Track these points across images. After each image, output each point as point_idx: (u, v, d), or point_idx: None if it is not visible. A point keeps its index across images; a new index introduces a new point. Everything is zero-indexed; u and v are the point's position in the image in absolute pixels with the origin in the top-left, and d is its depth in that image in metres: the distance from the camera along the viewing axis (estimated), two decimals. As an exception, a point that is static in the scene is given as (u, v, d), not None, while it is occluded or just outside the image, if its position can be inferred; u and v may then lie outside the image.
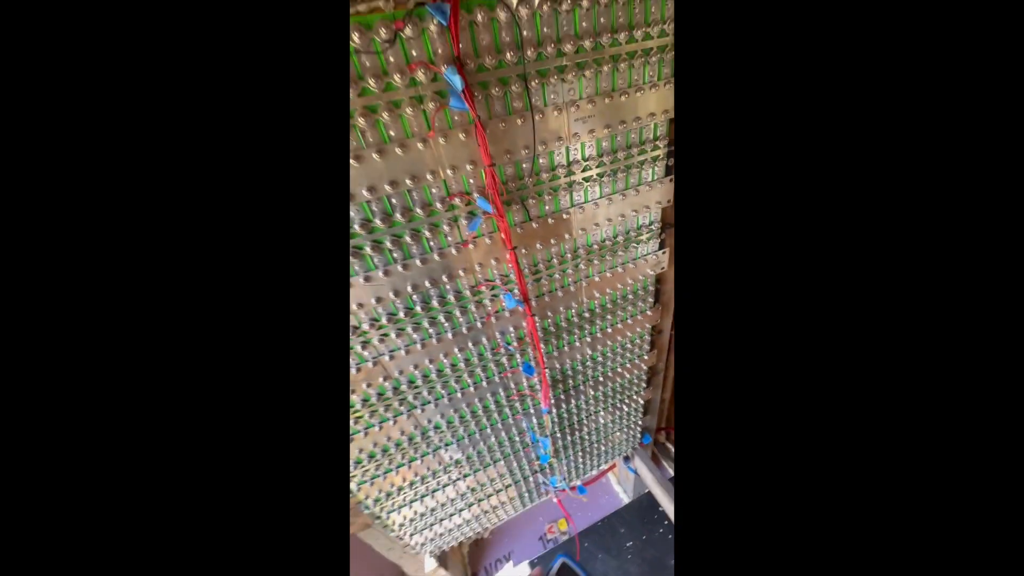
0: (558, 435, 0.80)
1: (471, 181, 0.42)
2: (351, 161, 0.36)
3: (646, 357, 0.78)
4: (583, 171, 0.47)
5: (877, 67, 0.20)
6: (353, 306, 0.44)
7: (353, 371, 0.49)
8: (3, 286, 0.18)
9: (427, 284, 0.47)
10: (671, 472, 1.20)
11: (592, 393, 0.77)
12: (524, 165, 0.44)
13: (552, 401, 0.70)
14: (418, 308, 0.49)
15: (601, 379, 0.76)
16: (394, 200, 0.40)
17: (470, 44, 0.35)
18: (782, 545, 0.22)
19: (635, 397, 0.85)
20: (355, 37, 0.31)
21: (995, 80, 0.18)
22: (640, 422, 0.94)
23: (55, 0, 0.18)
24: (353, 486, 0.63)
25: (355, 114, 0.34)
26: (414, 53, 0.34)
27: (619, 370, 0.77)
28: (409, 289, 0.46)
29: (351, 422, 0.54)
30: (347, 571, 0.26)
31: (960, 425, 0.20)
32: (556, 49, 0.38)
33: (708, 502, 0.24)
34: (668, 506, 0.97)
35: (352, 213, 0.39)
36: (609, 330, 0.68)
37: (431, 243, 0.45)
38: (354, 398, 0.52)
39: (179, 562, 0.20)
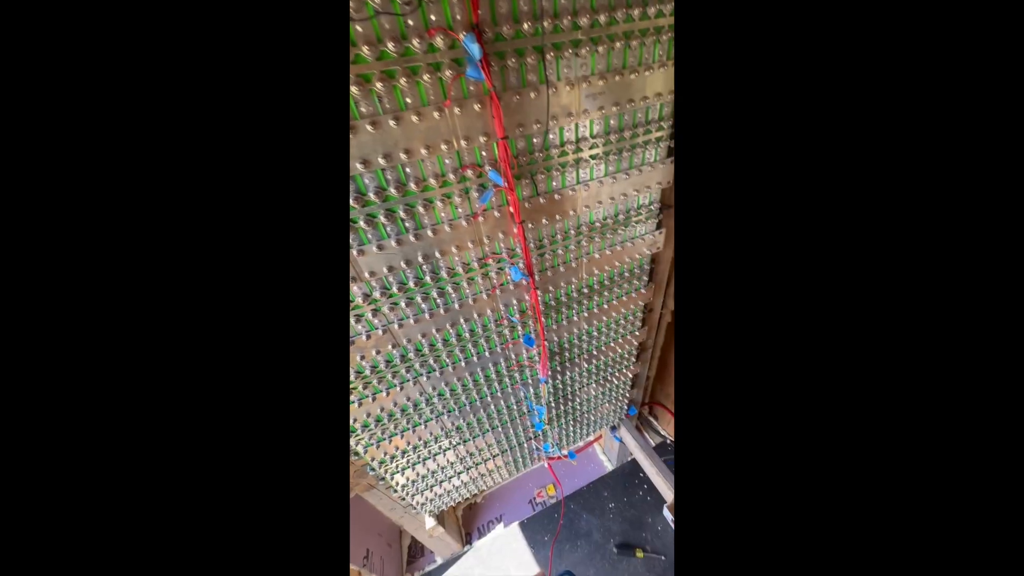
0: (552, 404, 0.85)
1: (483, 153, 0.43)
2: (367, 127, 0.36)
3: (637, 334, 0.83)
4: (590, 148, 0.49)
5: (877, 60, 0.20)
6: (365, 274, 0.45)
7: (363, 337, 0.51)
8: (3, 286, 0.18)
9: (437, 255, 0.48)
10: (653, 442, 1.29)
11: (586, 366, 0.81)
12: (535, 140, 0.45)
13: (549, 372, 0.74)
14: (427, 278, 0.50)
15: (595, 353, 0.80)
16: (408, 169, 0.41)
17: (488, 11, 0.35)
18: (782, 532, 0.22)
19: (624, 371, 0.91)
20: (376, -3, 0.31)
21: (995, 80, 0.18)
22: (627, 394, 1.01)
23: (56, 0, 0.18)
24: (360, 449, 0.66)
25: (372, 78, 0.34)
26: (433, 18, 0.34)
27: (612, 345, 0.81)
28: (420, 259, 0.47)
29: (361, 387, 0.57)
30: (347, 552, 0.27)
31: (959, 422, 0.19)
32: (572, 22, 0.38)
33: (707, 488, 0.23)
34: (649, 469, 1.06)
35: (367, 180, 0.40)
36: (605, 306, 0.71)
37: (442, 214, 0.46)
38: (363, 364, 0.54)
39: (180, 542, 0.20)
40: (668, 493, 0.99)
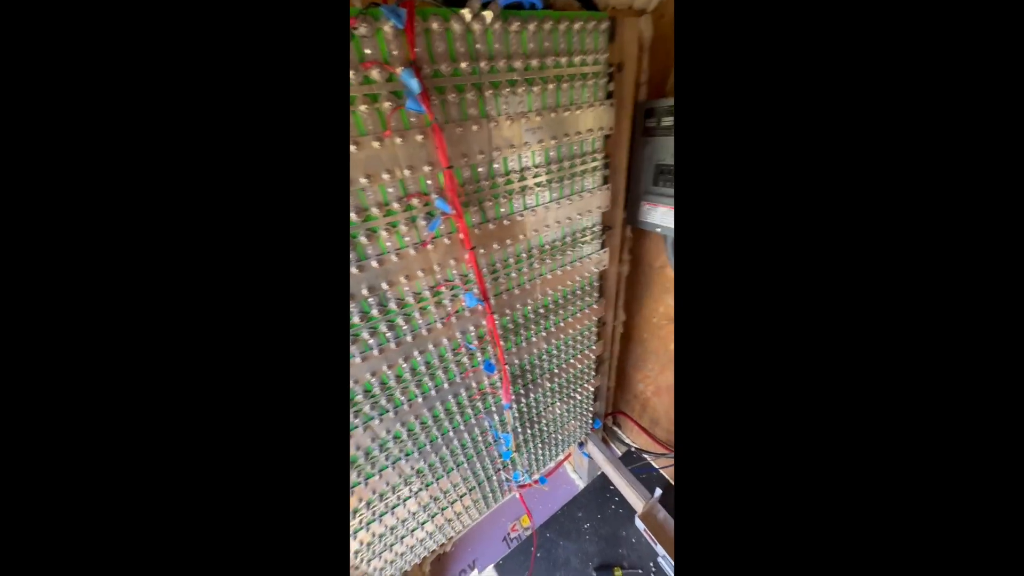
0: (518, 429, 0.83)
1: (429, 182, 0.43)
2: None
3: (594, 347, 0.86)
4: (534, 177, 0.52)
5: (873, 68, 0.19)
6: (300, 313, 0.41)
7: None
8: (3, 287, 0.18)
9: (384, 286, 0.45)
10: (619, 452, 1.32)
11: (548, 385, 0.82)
12: (480, 169, 0.46)
13: (513, 397, 0.72)
14: (374, 312, 0.47)
15: (556, 371, 0.81)
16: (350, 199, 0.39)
17: (426, 49, 0.36)
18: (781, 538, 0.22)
19: (586, 385, 0.93)
20: (302, 27, 0.29)
21: (995, 80, 0.17)
22: (591, 408, 1.03)
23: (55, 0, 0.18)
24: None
25: (302, 107, 0.32)
26: (368, 52, 0.33)
27: (571, 361, 0.83)
28: (365, 292, 0.44)
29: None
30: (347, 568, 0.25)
31: (959, 425, 0.19)
32: (507, 64, 0.41)
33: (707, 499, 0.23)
34: (618, 481, 1.07)
35: (298, 211, 0.37)
36: (561, 324, 0.73)
37: (388, 243, 0.44)
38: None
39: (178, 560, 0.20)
40: (638, 503, 1.01)
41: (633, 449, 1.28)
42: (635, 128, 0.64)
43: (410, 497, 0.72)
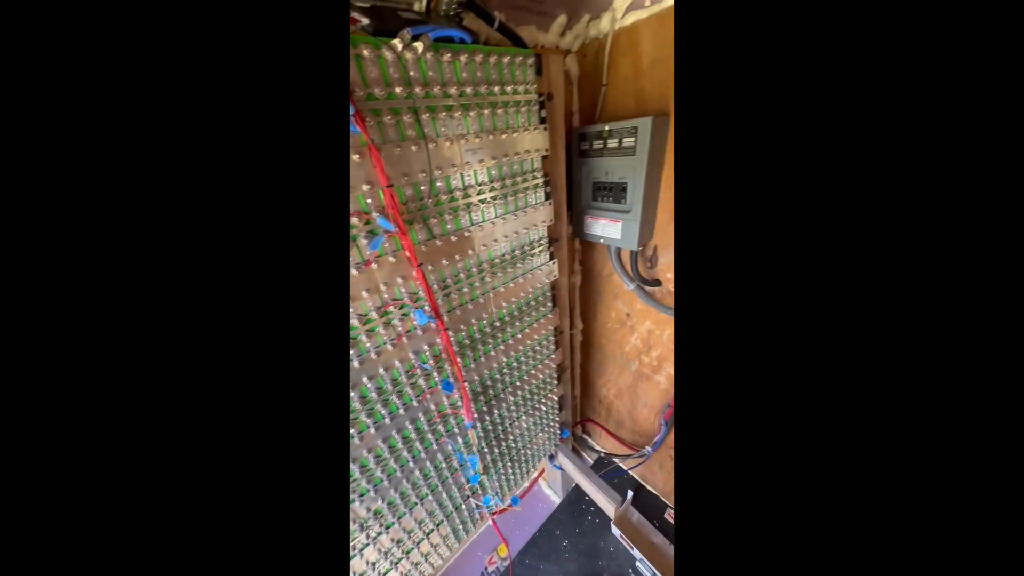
0: (485, 449, 0.80)
1: (368, 201, 0.43)
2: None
3: (553, 356, 0.88)
4: (478, 194, 0.54)
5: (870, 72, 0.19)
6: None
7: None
8: (3, 287, 0.19)
9: (324, 309, 0.43)
10: (591, 460, 1.33)
11: (512, 399, 0.81)
12: (423, 187, 0.47)
13: (475, 415, 0.71)
14: (314, 338, 0.44)
15: (518, 383, 0.81)
16: (276, 219, 0.37)
17: (358, 74, 0.37)
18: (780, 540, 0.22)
19: (550, 395, 0.94)
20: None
21: (995, 80, 0.17)
22: (557, 418, 1.03)
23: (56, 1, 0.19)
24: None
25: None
26: (294, 73, 0.33)
27: (533, 372, 0.84)
28: (301, 317, 0.41)
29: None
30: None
31: (960, 424, 0.19)
32: (442, 91, 0.44)
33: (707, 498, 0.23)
34: (590, 489, 1.08)
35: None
36: (519, 336, 0.74)
37: (326, 264, 0.42)
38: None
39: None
40: (610, 508, 1.02)
41: (602, 454, 1.30)
42: (572, 150, 0.71)
43: (367, 545, 0.65)
